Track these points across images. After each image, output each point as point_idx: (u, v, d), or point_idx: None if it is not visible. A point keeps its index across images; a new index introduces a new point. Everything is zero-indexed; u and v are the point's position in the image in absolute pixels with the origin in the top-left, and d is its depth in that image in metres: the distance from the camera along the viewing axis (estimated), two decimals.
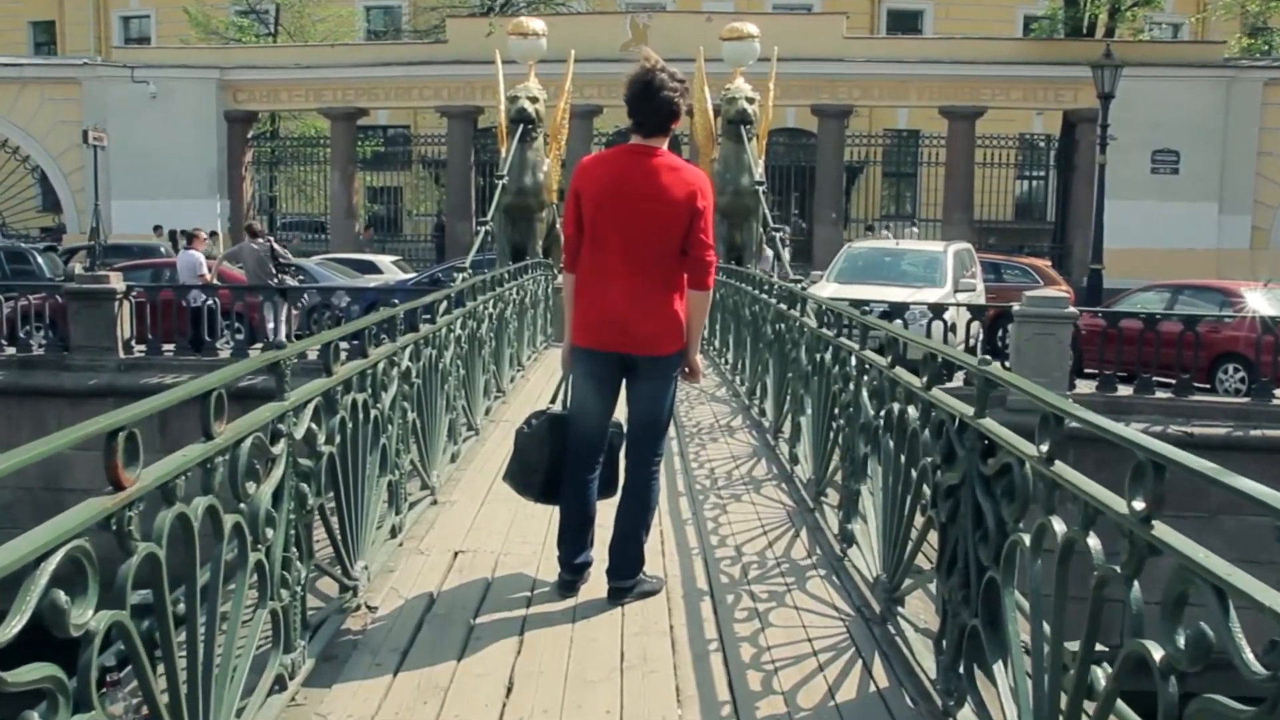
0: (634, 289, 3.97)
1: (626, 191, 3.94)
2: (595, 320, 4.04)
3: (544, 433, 4.20)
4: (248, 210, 27.70)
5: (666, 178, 3.93)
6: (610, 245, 3.98)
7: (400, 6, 36.00)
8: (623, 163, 4.00)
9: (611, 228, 3.96)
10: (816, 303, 5.90)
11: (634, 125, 4.02)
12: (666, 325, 4.03)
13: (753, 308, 8.83)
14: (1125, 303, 16.13)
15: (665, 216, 3.94)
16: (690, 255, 4.00)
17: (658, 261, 3.98)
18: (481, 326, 7.35)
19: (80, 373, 14.62)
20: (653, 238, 3.95)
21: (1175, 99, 24.60)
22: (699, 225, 3.97)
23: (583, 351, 4.10)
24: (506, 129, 13.53)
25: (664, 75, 3.96)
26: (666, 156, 3.99)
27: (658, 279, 3.99)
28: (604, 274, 4.00)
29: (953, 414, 3.28)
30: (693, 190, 3.95)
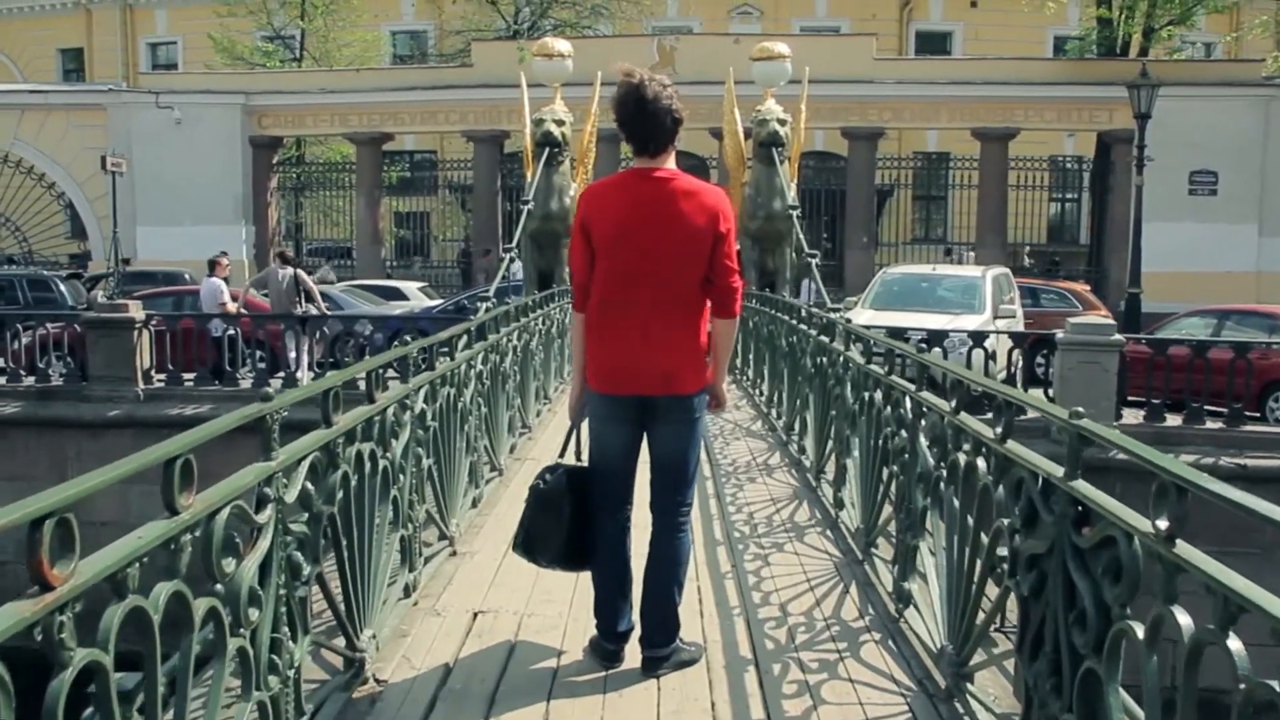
0: (652, 325, 3.61)
1: (641, 221, 3.57)
2: (611, 362, 3.67)
3: (563, 488, 3.76)
4: (273, 236, 27.59)
5: (684, 203, 3.57)
6: (625, 280, 3.61)
7: (427, 31, 35.97)
8: (634, 189, 3.62)
9: (626, 262, 3.60)
10: (862, 336, 5.47)
11: (636, 147, 3.66)
12: (689, 361, 3.66)
13: (790, 338, 8.41)
14: (1170, 328, 15.65)
15: (686, 246, 3.57)
16: (716, 284, 3.64)
17: (678, 294, 3.62)
18: (505, 360, 6.97)
19: (99, 403, 14.39)
20: (673, 270, 3.59)
21: (1212, 119, 24.06)
22: (723, 251, 3.61)
23: (598, 396, 3.73)
24: (532, 153, 13.22)
25: (654, 84, 3.61)
26: (681, 179, 3.62)
27: (678, 312, 3.63)
28: (618, 311, 3.63)
29: (1035, 472, 2.86)
30: (714, 214, 3.59)
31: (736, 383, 12.08)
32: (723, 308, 3.69)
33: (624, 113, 3.65)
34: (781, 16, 34.25)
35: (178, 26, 37.94)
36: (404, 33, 36.97)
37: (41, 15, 39.74)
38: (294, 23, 30.97)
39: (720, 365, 3.77)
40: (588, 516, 3.77)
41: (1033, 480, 2.88)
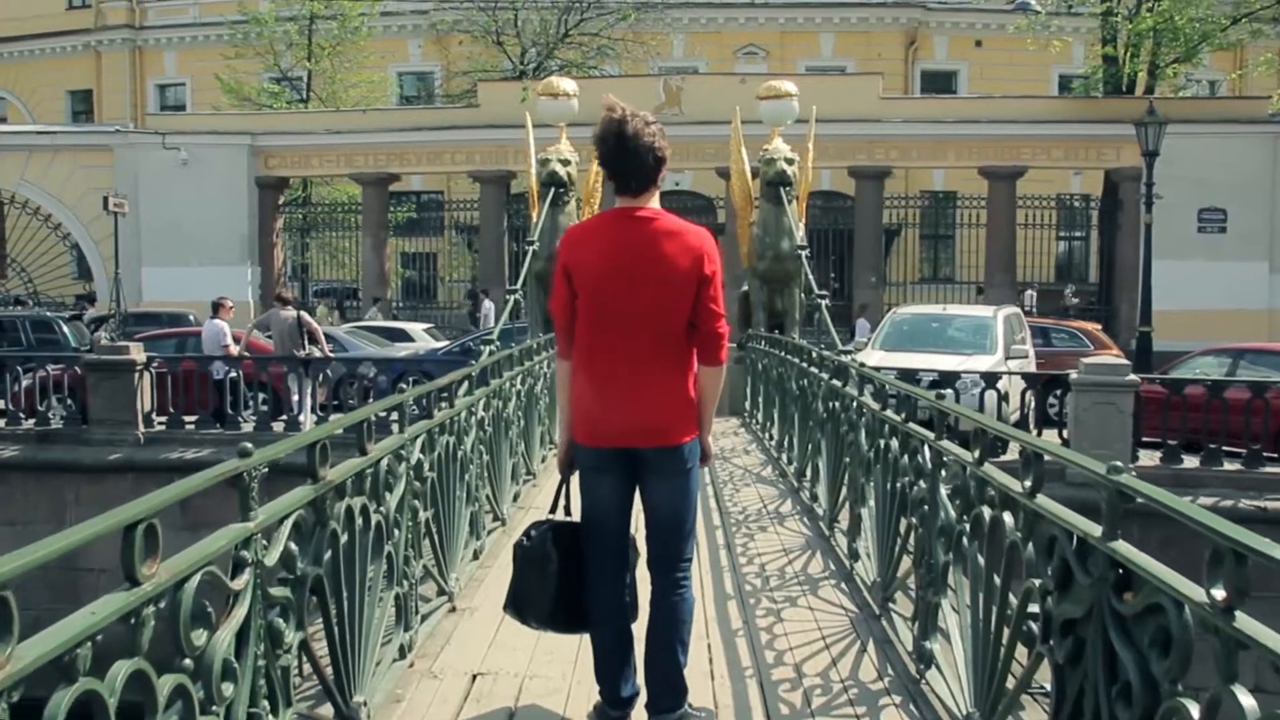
0: (637, 374, 3.43)
1: (624, 264, 3.41)
2: (596, 413, 3.49)
3: (547, 546, 3.56)
4: (278, 277, 27.54)
5: (668, 244, 3.40)
6: (609, 326, 3.44)
7: (434, 72, 36.14)
8: (616, 231, 3.45)
9: (609, 307, 3.43)
10: (877, 381, 5.28)
11: (618, 186, 3.49)
12: (677, 411, 3.48)
13: (800, 381, 8.21)
14: (1184, 368, 15.43)
15: (670, 289, 3.40)
16: (700, 329, 3.46)
17: (664, 340, 3.44)
18: (509, 405, 6.78)
19: (99, 447, 14.24)
20: (657, 315, 3.42)
21: (1221, 156, 23.98)
22: (708, 294, 3.43)
23: (585, 449, 3.54)
24: (538, 193, 13.10)
25: (636, 120, 3.45)
26: (664, 219, 3.45)
27: (665, 360, 3.45)
28: (603, 359, 3.46)
29: (1069, 530, 2.66)
30: (699, 255, 3.41)
31: (746, 426, 11.88)
32: (708, 355, 3.51)
33: (604, 149, 3.50)
34: (787, 57, 34.39)
35: (186, 68, 38.22)
36: (411, 74, 37.16)
37: (52, 57, 40.07)
38: (301, 64, 31.12)
39: (705, 417, 3.58)
40: (577, 575, 3.57)
41: (1066, 539, 2.69)
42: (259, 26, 30.43)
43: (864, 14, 35.45)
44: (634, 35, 30.08)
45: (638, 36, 30.19)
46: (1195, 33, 24.46)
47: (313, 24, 30.75)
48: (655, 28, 31.41)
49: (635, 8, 29.93)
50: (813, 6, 35.59)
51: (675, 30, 33.90)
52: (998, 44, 34.00)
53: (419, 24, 35.77)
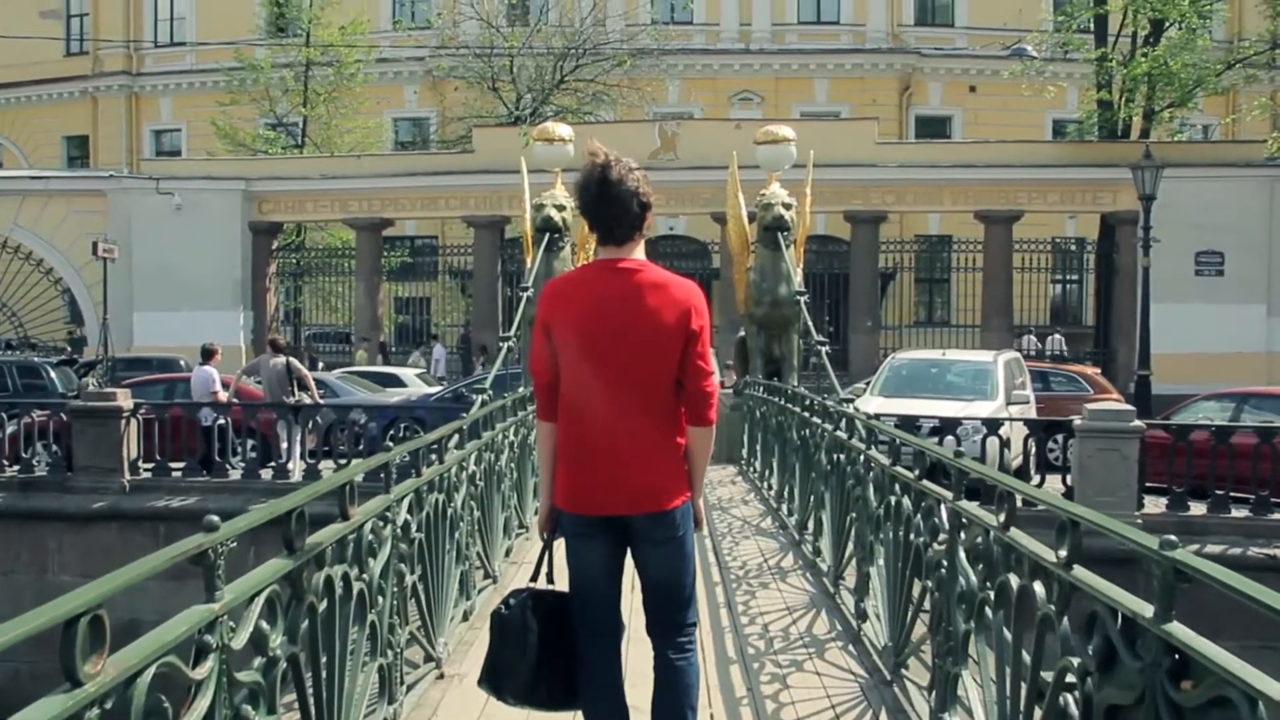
0: (623, 435, 3.22)
1: (607, 320, 3.21)
2: (579, 479, 3.28)
3: (526, 615, 3.30)
4: (271, 322, 27.34)
5: (653, 298, 3.21)
6: (592, 386, 3.23)
7: (429, 118, 36.21)
8: (597, 285, 3.27)
9: (592, 365, 3.22)
10: (886, 434, 5.05)
11: (600, 235, 3.30)
12: (666, 474, 3.26)
13: (801, 430, 7.99)
14: (1187, 412, 15.26)
15: (656, 345, 3.21)
16: (688, 387, 3.25)
17: (650, 399, 3.24)
18: (501, 458, 6.55)
19: (83, 495, 13.98)
20: (643, 372, 3.22)
21: (1217, 199, 23.97)
22: (695, 350, 3.23)
23: (570, 515, 3.32)
24: (532, 238, 12.95)
25: (620, 165, 3.28)
26: (649, 270, 3.27)
27: (652, 420, 3.24)
28: (586, 420, 3.25)
29: (1115, 608, 2.43)
30: (685, 309, 3.22)
31: (743, 474, 11.63)
32: (696, 414, 3.29)
33: (585, 197, 3.33)
34: (782, 102, 34.50)
35: (182, 114, 38.26)
36: (407, 120, 37.23)
37: (49, 103, 40.13)
38: (296, 110, 31.14)
39: (696, 480, 3.36)
40: (559, 647, 3.32)
41: (1110, 616, 2.46)
42: (255, 73, 30.47)
43: (858, 60, 35.64)
44: (629, 81, 30.15)
45: (633, 82, 30.26)
46: (1190, 77, 24.54)
47: (309, 70, 30.80)
48: (650, 74, 31.49)
49: (631, 54, 30.03)
50: (807, 53, 35.78)
51: (670, 76, 34.01)
52: (992, 89, 34.14)
53: (415, 70, 35.88)
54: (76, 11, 40.43)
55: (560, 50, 29.67)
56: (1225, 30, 31.27)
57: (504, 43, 29.67)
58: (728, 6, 35.86)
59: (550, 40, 29.98)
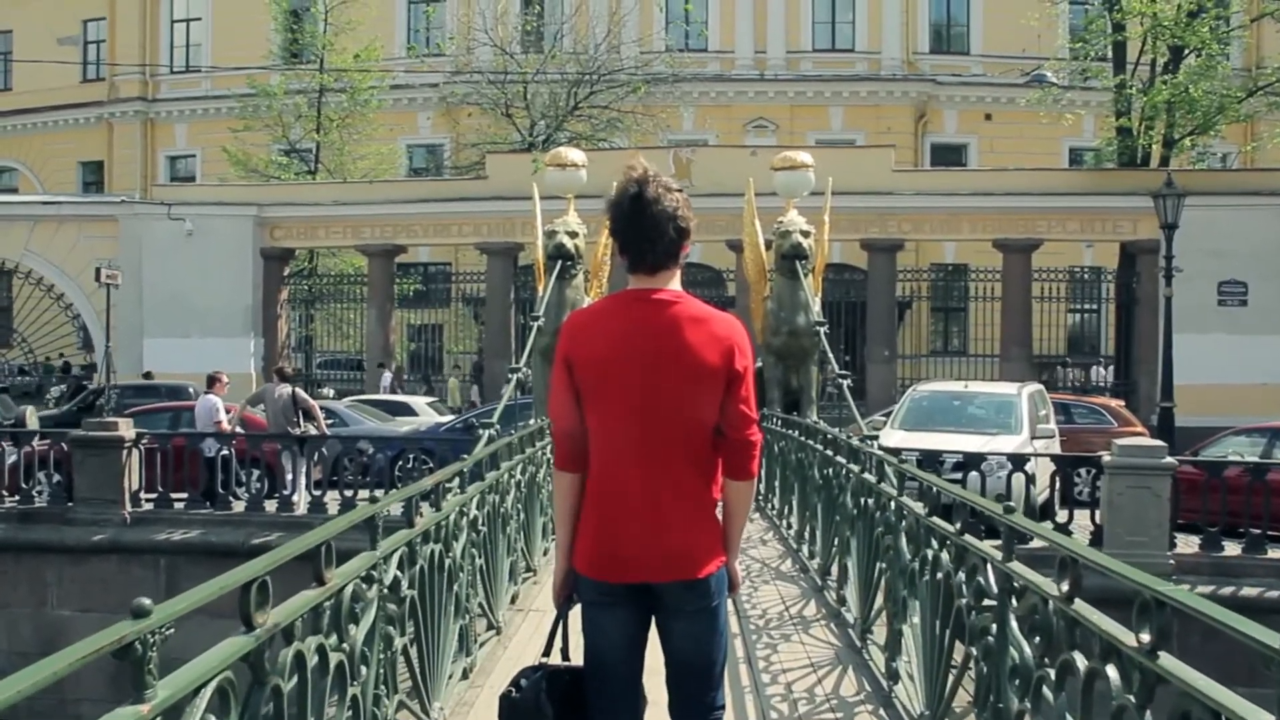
0: (654, 491, 2.85)
1: (638, 358, 2.84)
2: (602, 540, 2.91)
3: (540, 699, 2.92)
4: (282, 349, 27.11)
5: (691, 334, 2.84)
6: (619, 433, 2.87)
7: (443, 145, 36.10)
8: (628, 317, 2.90)
9: (620, 409, 2.86)
10: (922, 481, 4.66)
11: (631, 261, 2.93)
12: (702, 537, 2.89)
13: (824, 469, 7.61)
14: (1217, 447, 14.83)
15: (693, 388, 2.84)
16: (729, 436, 2.89)
17: (686, 449, 2.87)
18: (507, 499, 6.19)
19: (83, 527, 13.71)
20: (678, 418, 2.85)
21: (1240, 228, 23.58)
22: (738, 395, 2.87)
23: (589, 581, 2.94)
24: (544, 266, 12.63)
25: (657, 184, 2.92)
26: (687, 303, 2.91)
27: (686, 473, 2.87)
28: (611, 473, 2.89)
29: (1217, 710, 2.06)
30: (728, 348, 2.85)
31: (760, 511, 11.23)
32: (737, 466, 2.93)
33: (618, 216, 2.95)
34: (797, 130, 34.25)
35: (197, 140, 38.29)
36: (420, 146, 37.16)
37: (65, 129, 40.28)
38: (310, 136, 31.05)
39: (733, 539, 3.00)
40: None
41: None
42: (268, 99, 30.40)
43: (873, 88, 35.41)
44: (644, 108, 29.98)
45: (648, 109, 30.09)
46: (1211, 104, 24.20)
47: (322, 96, 30.73)
48: (665, 101, 31.32)
49: (645, 81, 29.85)
50: (822, 80, 35.58)
51: (685, 104, 33.84)
52: (1007, 117, 33.87)
53: (429, 97, 35.82)
54: (94, 38, 40.63)
55: (574, 76, 29.53)
56: (1244, 58, 30.95)
57: (518, 69, 29.54)
58: (742, 34, 35.73)
59: (564, 66, 29.84)
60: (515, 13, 32.77)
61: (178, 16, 39.15)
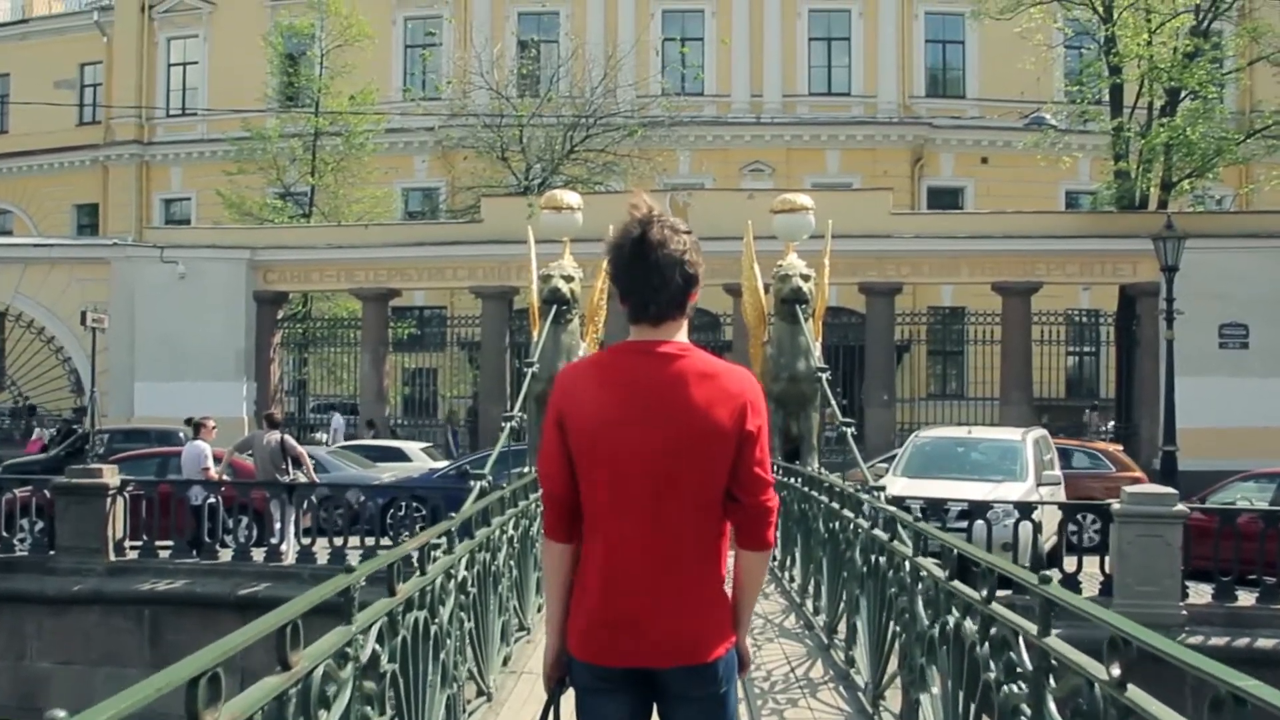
0: (656, 565, 2.57)
1: (639, 416, 2.58)
2: (600, 618, 2.62)
3: None
4: (275, 393, 26.82)
5: (700, 390, 2.58)
6: (617, 500, 2.59)
7: (439, 188, 36.04)
8: (628, 372, 2.64)
9: (619, 473, 2.58)
10: (943, 543, 4.37)
11: (632, 310, 2.67)
12: (710, 615, 2.62)
13: (830, 523, 7.31)
14: (1225, 493, 14.60)
15: (703, 449, 2.57)
16: (744, 502, 2.62)
17: (692, 518, 2.59)
18: (499, 556, 5.89)
19: (65, 577, 13.37)
20: (685, 483, 2.57)
21: (1240, 270, 23.47)
22: (752, 456, 2.60)
23: (583, 665, 2.66)
24: (539, 310, 12.38)
25: (663, 226, 2.67)
26: (694, 356, 2.65)
27: (692, 544, 2.59)
28: (608, 545, 2.60)
29: None
30: (740, 405, 2.59)
31: None
32: (751, 535, 2.66)
33: (619, 260, 2.67)
34: (793, 173, 34.19)
35: (192, 183, 38.19)
36: (416, 190, 37.09)
37: (60, 172, 40.23)
38: (305, 179, 30.97)
39: (744, 615, 2.73)
40: None
41: None
42: (263, 142, 30.33)
43: (870, 131, 35.46)
44: (640, 152, 29.93)
45: (644, 153, 30.04)
46: (1210, 147, 24.18)
47: (317, 140, 30.67)
48: (661, 144, 31.30)
49: (641, 124, 29.84)
50: (819, 124, 35.63)
51: (681, 147, 33.85)
52: (1004, 161, 33.91)
53: (425, 140, 35.80)
54: (90, 81, 40.71)
55: (570, 120, 29.50)
56: (1238, 101, 31.01)
57: (514, 112, 29.52)
58: (739, 77, 35.82)
59: (560, 110, 29.82)
60: (511, 56, 32.82)
61: (174, 60, 39.23)
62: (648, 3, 35.84)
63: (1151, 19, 24.14)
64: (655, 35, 35.07)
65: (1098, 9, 25.23)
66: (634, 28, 34.22)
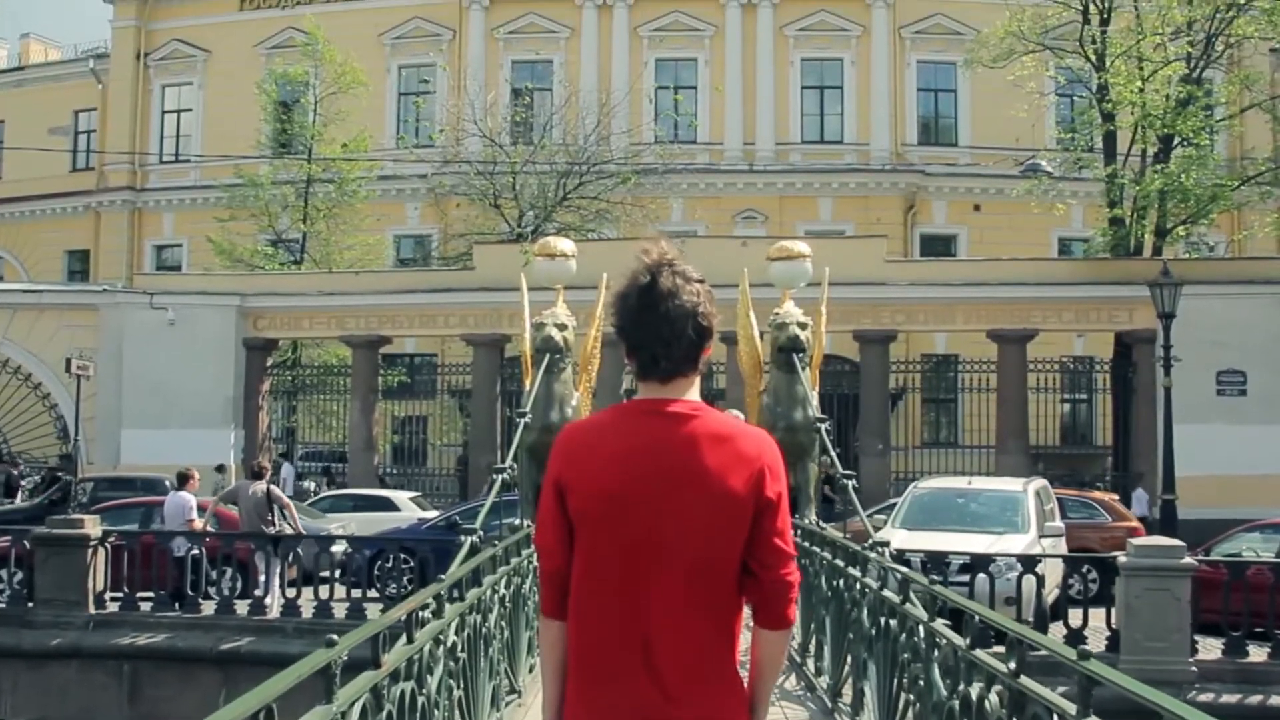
0: (665, 645, 2.34)
1: (646, 483, 2.36)
2: (600, 706, 2.38)
3: None
4: (263, 441, 26.52)
5: (713, 454, 2.37)
6: (622, 575, 2.37)
7: (431, 235, 35.97)
8: (635, 434, 2.42)
9: (624, 546, 2.36)
10: (963, 609, 4.13)
11: (640, 366, 2.47)
12: (724, 699, 2.38)
13: (833, 580, 7.06)
14: (1229, 544, 14.39)
15: (715, 519, 2.35)
16: (762, 577, 2.39)
17: (705, 593, 2.37)
18: (490, 617, 5.63)
19: (43, 630, 13.02)
20: (696, 557, 2.36)
21: (1237, 316, 23.46)
22: (772, 526, 2.38)
23: None
24: (531, 359, 12.14)
25: (673, 273, 2.48)
26: (707, 417, 2.46)
27: (704, 623, 2.37)
28: (612, 622, 2.38)
29: None
30: (757, 470, 2.38)
31: None
32: (771, 613, 2.43)
33: (624, 310, 2.47)
34: (786, 221, 34.15)
35: (184, 229, 38.07)
36: (409, 237, 37.01)
37: (52, 218, 40.13)
38: (296, 226, 30.87)
39: (762, 703, 2.49)
40: None
41: None
42: (255, 189, 30.26)
43: (862, 179, 35.52)
44: (633, 199, 29.93)
45: (637, 200, 30.03)
46: (1205, 194, 24.24)
47: (310, 186, 30.61)
48: (654, 192, 31.28)
49: (634, 172, 29.84)
50: (811, 172, 35.69)
51: (674, 195, 33.82)
52: (996, 208, 33.98)
53: (417, 187, 35.79)
54: (85, 128, 40.77)
55: (563, 167, 29.51)
56: (1229, 148, 31.17)
57: (507, 159, 29.51)
58: (731, 125, 35.93)
59: (553, 157, 29.84)
60: (505, 104, 32.89)
61: (169, 107, 39.33)
62: (641, 51, 36.03)
63: (1144, 67, 24.29)
64: (648, 83, 35.21)
65: (1090, 57, 25.41)
66: (627, 76, 34.34)
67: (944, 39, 35.45)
